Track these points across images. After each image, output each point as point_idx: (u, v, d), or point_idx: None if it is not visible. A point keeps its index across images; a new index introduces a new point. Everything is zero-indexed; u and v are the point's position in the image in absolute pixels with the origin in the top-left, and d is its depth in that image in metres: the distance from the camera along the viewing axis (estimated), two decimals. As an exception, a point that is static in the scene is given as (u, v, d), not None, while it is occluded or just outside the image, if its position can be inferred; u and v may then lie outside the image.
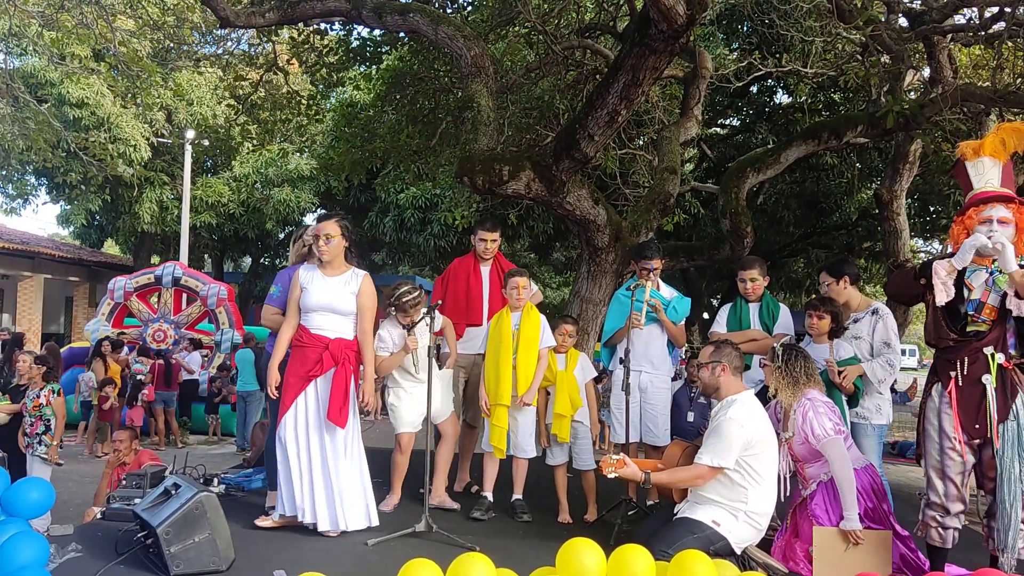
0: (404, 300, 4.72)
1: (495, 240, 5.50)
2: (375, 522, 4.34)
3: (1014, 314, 3.66)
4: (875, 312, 4.80)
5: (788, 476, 4.21)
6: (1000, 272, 3.70)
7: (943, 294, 3.78)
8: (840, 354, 4.63)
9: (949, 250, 3.97)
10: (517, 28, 9.75)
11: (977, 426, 3.70)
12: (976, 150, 3.92)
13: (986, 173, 3.88)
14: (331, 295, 4.32)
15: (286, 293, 4.60)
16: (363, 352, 4.38)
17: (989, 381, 3.67)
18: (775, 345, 4.30)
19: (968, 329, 3.77)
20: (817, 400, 4.05)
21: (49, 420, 6.47)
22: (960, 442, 3.73)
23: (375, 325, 4.64)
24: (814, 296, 5.33)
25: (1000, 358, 3.68)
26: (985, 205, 3.80)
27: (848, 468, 3.91)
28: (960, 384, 3.74)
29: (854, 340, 4.77)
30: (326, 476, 4.24)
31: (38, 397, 6.50)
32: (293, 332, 4.39)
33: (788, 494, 4.19)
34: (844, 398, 4.63)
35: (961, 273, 3.82)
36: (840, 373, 4.52)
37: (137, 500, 4.17)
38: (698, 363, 4.11)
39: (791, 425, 4.08)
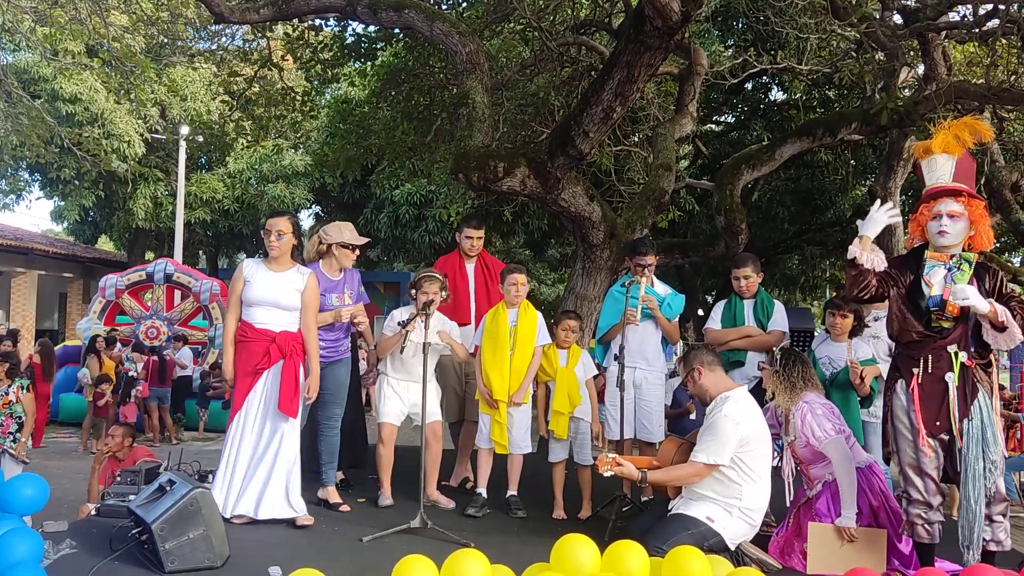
0: (421, 277, 4.76)
1: (480, 237, 5.66)
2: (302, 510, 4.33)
3: (986, 340, 3.65)
4: None
5: (792, 479, 4.22)
6: (958, 270, 3.70)
7: (860, 253, 3.78)
8: (859, 355, 4.62)
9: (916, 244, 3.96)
10: (512, 24, 9.73)
11: (938, 423, 3.70)
12: (927, 149, 3.92)
13: (938, 169, 3.87)
14: (275, 291, 4.33)
15: None
16: (307, 346, 4.40)
17: (952, 379, 3.67)
18: (775, 349, 4.31)
19: (932, 324, 3.78)
20: (815, 403, 4.06)
21: (21, 417, 6.39)
22: (923, 436, 3.74)
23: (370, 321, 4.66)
24: (835, 294, 5.30)
25: (963, 357, 3.67)
26: (935, 200, 3.79)
27: (850, 467, 3.93)
28: (921, 381, 3.74)
29: (872, 340, 4.75)
30: (273, 466, 4.24)
31: (6, 394, 6.39)
32: (237, 325, 4.40)
33: (792, 497, 4.21)
34: (858, 398, 4.63)
35: (919, 269, 3.82)
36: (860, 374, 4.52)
37: (132, 496, 4.15)
38: (682, 383, 4.13)
39: (792, 429, 4.10)
